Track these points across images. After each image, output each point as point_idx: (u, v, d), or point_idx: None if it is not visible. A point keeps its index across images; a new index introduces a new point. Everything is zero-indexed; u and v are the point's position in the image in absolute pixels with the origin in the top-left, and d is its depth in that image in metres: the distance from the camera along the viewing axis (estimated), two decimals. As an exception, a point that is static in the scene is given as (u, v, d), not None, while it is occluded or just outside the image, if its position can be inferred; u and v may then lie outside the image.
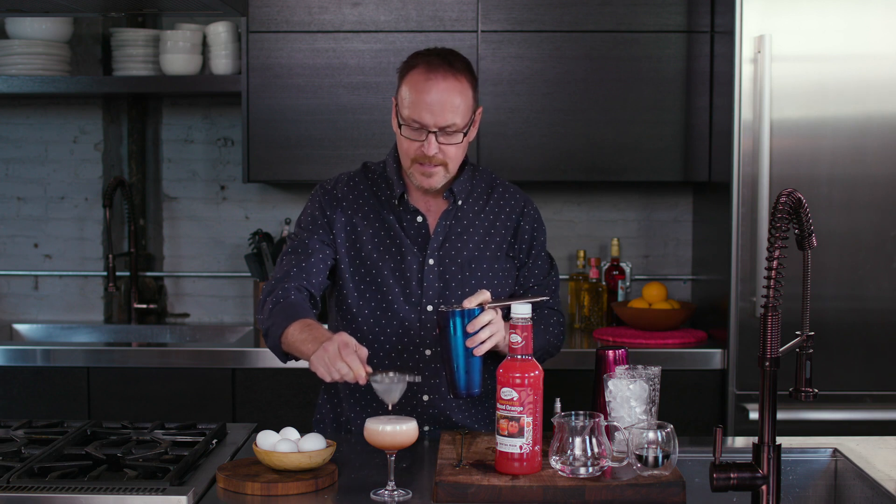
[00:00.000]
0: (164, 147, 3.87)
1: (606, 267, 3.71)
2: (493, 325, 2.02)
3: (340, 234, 2.28)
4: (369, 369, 1.94)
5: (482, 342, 2.01)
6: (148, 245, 3.88)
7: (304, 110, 3.41)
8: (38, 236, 3.87)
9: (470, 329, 2.00)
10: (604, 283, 3.68)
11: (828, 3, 3.00)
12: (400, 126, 2.21)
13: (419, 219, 2.29)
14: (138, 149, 3.84)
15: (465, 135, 2.20)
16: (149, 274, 3.87)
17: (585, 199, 3.81)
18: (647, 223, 3.80)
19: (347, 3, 3.39)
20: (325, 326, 2.18)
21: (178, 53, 3.55)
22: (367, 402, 2.30)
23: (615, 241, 3.71)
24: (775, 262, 1.61)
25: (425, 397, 2.28)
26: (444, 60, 2.19)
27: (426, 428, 2.29)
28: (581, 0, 3.36)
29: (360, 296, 2.27)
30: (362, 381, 1.92)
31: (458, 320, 2.00)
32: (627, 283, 3.69)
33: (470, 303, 2.02)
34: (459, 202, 2.30)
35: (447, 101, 2.16)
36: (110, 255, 3.66)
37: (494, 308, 2.04)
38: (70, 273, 3.86)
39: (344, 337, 1.97)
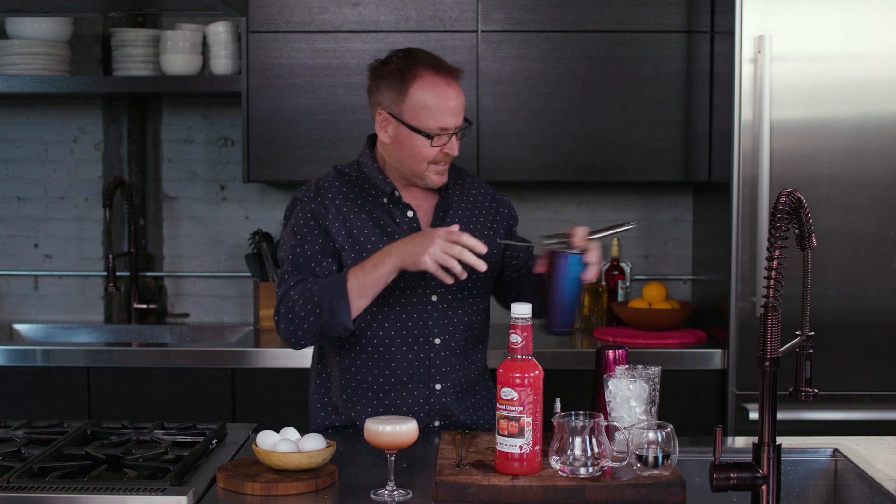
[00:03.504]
0: (164, 147, 3.87)
1: (606, 267, 3.71)
2: (597, 257, 2.15)
3: (340, 237, 2.27)
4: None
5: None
6: (148, 245, 3.88)
7: (304, 110, 3.41)
8: (38, 236, 3.87)
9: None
10: (604, 283, 3.68)
11: (828, 3, 3.00)
12: (417, 132, 2.22)
13: (409, 213, 2.32)
14: (138, 149, 3.84)
15: None
16: (149, 274, 3.87)
17: (585, 199, 3.81)
18: (647, 223, 3.80)
19: (347, 3, 3.39)
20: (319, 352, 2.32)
21: (178, 53, 3.55)
22: (370, 399, 2.30)
23: (615, 241, 3.71)
24: (775, 262, 1.61)
25: (437, 385, 2.29)
26: (440, 61, 2.26)
27: (436, 423, 2.29)
28: (581, 0, 3.37)
29: None
30: (482, 267, 2.07)
31: (574, 259, 2.11)
32: (627, 283, 3.69)
33: (576, 236, 2.13)
34: (448, 191, 2.36)
35: (461, 101, 2.25)
36: (110, 255, 3.66)
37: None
38: (70, 273, 3.86)
39: (439, 230, 2.08)
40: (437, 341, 2.29)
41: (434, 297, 2.29)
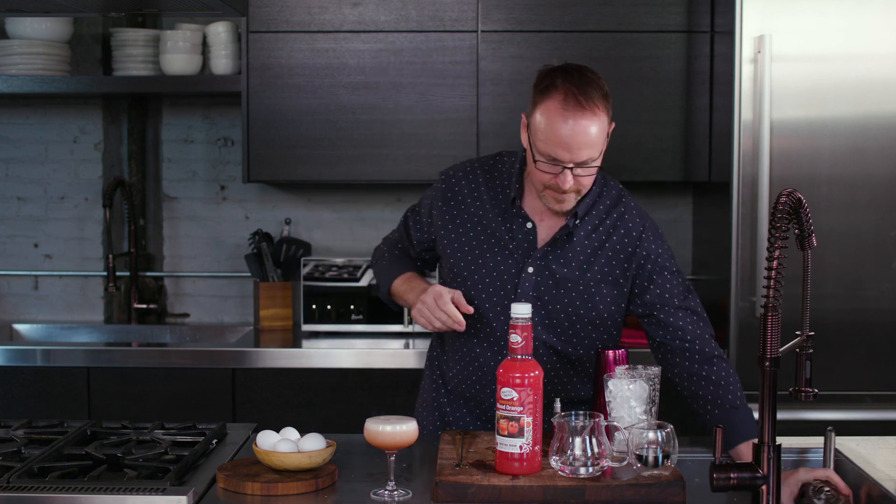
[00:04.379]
0: (164, 147, 3.87)
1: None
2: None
3: (445, 227, 2.28)
4: (469, 309, 2.12)
5: None
6: (148, 245, 3.88)
7: (304, 110, 3.41)
8: (38, 236, 3.87)
9: None
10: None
11: (828, 3, 3.00)
12: (533, 154, 2.11)
13: (528, 225, 2.22)
14: (138, 149, 3.84)
15: (600, 157, 2.12)
16: (149, 274, 3.87)
17: (585, 199, 3.80)
18: (647, 223, 3.80)
19: (347, 3, 3.39)
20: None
21: (178, 53, 3.55)
22: (466, 400, 2.31)
23: (615, 241, 3.70)
24: (775, 262, 1.61)
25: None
26: (580, 91, 2.05)
27: None
28: (581, 0, 3.37)
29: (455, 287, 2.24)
30: (462, 328, 2.11)
31: None
32: (627, 283, 3.68)
33: (837, 483, 1.85)
34: (578, 221, 2.20)
35: (583, 140, 2.06)
36: (110, 255, 3.66)
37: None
38: (70, 273, 3.86)
39: (437, 288, 2.14)
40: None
41: (539, 328, 2.19)
